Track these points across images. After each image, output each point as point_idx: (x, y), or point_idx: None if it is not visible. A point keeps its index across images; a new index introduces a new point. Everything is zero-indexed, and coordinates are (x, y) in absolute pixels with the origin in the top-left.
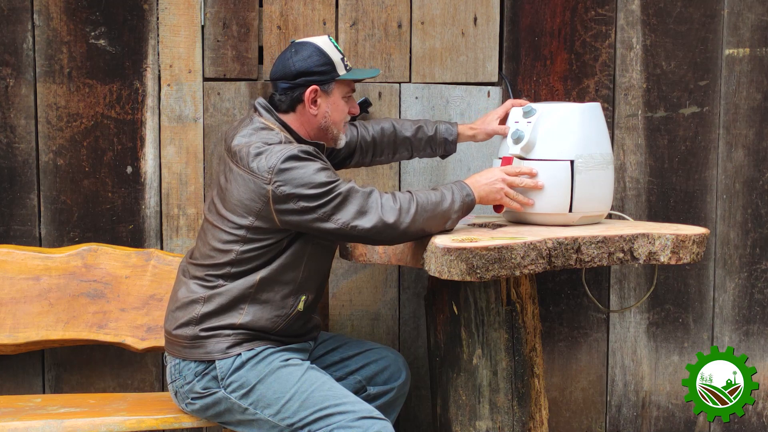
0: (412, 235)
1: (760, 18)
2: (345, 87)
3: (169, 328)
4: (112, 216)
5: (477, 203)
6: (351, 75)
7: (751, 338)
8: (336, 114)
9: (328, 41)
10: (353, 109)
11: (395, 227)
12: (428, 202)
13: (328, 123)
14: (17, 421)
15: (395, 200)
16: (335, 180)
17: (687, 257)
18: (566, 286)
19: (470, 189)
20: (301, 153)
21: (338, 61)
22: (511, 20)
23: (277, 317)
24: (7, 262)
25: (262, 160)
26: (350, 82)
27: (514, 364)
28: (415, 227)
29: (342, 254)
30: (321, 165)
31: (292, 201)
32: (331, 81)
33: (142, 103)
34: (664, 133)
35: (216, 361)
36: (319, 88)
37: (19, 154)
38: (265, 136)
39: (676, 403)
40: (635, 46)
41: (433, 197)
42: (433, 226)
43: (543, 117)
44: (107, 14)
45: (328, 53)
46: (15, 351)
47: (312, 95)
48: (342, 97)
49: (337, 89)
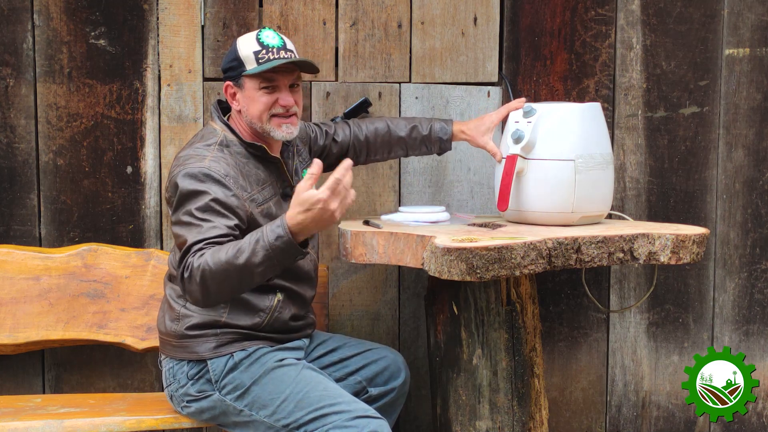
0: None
1: (760, 18)
2: (256, 80)
3: (160, 326)
4: (112, 216)
5: (304, 237)
6: (256, 69)
7: (751, 338)
8: (252, 107)
9: (253, 36)
10: (282, 101)
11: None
12: (215, 270)
13: (249, 118)
14: (17, 421)
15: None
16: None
17: (687, 257)
18: (566, 286)
19: (284, 230)
20: (198, 178)
21: (248, 56)
22: (511, 20)
23: (257, 314)
24: (7, 262)
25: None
26: (263, 74)
27: (514, 364)
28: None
29: (342, 254)
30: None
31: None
32: (240, 77)
33: (142, 103)
34: (664, 133)
35: (208, 361)
36: (231, 83)
37: (19, 154)
38: (197, 146)
39: (676, 403)
40: (635, 46)
41: (223, 257)
42: (238, 286)
43: (543, 117)
44: (107, 14)
45: (239, 48)
46: (15, 351)
47: (229, 91)
48: (257, 89)
49: (249, 83)
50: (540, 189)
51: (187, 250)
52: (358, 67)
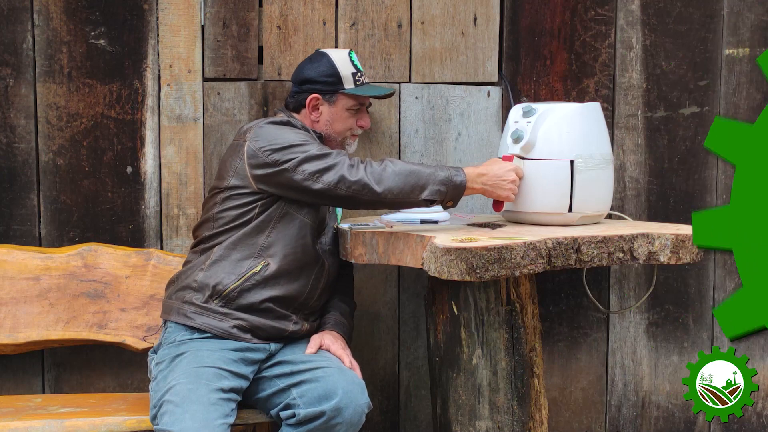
0: (382, 196)
1: (760, 18)
2: (351, 100)
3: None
4: (112, 216)
5: (478, 191)
6: (356, 91)
7: (750, 338)
8: (338, 124)
9: (346, 55)
10: (362, 122)
11: (362, 185)
12: (403, 168)
13: (330, 131)
14: (17, 421)
15: (367, 163)
16: (310, 142)
17: (687, 257)
18: (566, 286)
19: (465, 176)
20: (285, 121)
21: (347, 76)
22: (511, 20)
23: (231, 275)
24: (7, 262)
25: (250, 126)
26: (359, 97)
27: (514, 364)
28: (384, 188)
29: (342, 254)
30: (301, 134)
31: (263, 154)
32: (335, 92)
33: (142, 103)
34: (664, 133)
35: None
36: (321, 97)
37: (19, 154)
38: (274, 118)
39: (675, 403)
40: (635, 46)
41: (413, 167)
42: (407, 192)
43: (543, 117)
44: (107, 14)
45: (338, 66)
46: (15, 351)
47: (313, 102)
48: (347, 109)
49: (342, 101)
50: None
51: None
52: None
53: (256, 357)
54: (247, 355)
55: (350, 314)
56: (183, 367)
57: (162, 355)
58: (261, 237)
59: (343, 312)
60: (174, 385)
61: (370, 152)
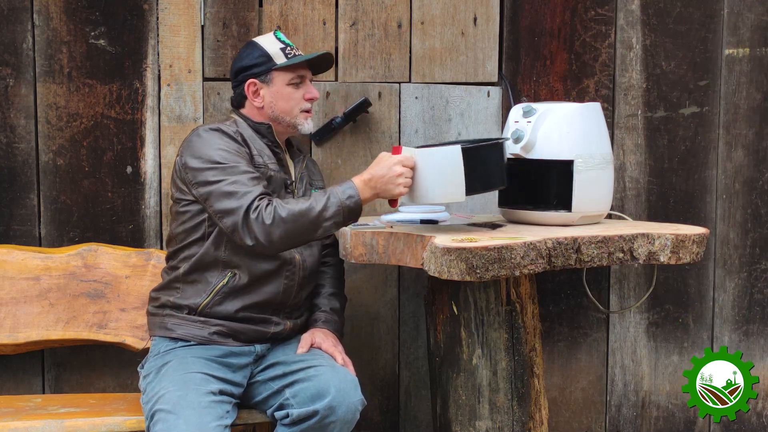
0: (275, 248)
1: (760, 18)
2: (287, 74)
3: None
4: (112, 216)
5: (372, 198)
6: (287, 62)
7: (750, 338)
8: (282, 102)
9: (271, 35)
10: (308, 95)
11: (253, 238)
12: (290, 213)
13: (276, 112)
14: (17, 421)
15: (260, 212)
16: (230, 163)
17: (687, 257)
18: (566, 286)
19: (356, 190)
20: (211, 128)
21: (276, 52)
22: (511, 20)
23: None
24: (7, 262)
25: (187, 135)
26: (296, 68)
27: (514, 364)
28: (275, 239)
29: (341, 254)
30: (223, 150)
31: (185, 171)
32: (268, 72)
33: (142, 103)
34: (664, 133)
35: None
36: (257, 80)
37: (19, 154)
38: (205, 127)
39: (675, 403)
40: (635, 46)
41: (302, 206)
42: (300, 234)
43: (543, 117)
44: (107, 14)
45: (265, 46)
46: (15, 351)
47: (251, 88)
48: (287, 84)
49: (278, 78)
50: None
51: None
52: (358, 67)
53: (243, 361)
54: (231, 360)
55: (340, 310)
56: (170, 375)
57: (148, 368)
58: (219, 252)
59: (333, 308)
60: (163, 393)
61: (370, 152)
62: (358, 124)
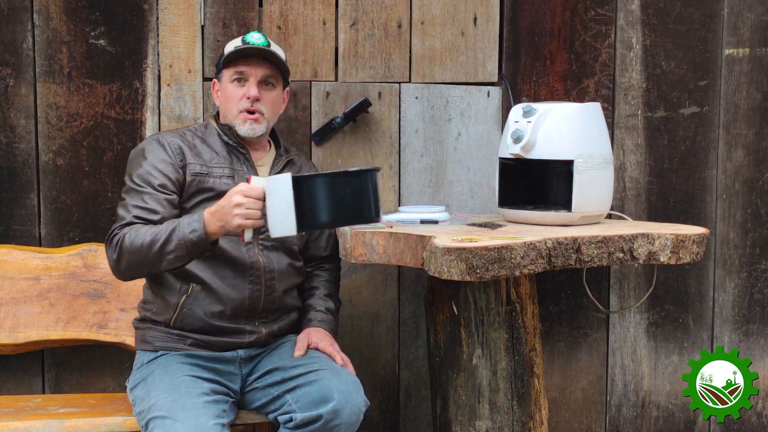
0: (124, 275)
1: (760, 18)
2: (229, 70)
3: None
4: (112, 216)
5: (219, 231)
6: (225, 55)
7: (750, 338)
8: (228, 102)
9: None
10: (248, 93)
11: (110, 260)
12: (135, 244)
13: (225, 113)
14: (17, 421)
15: (113, 238)
16: (141, 187)
17: (687, 257)
18: (566, 286)
19: (201, 224)
20: (151, 137)
21: (230, 50)
22: (511, 20)
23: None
24: (7, 262)
25: None
26: (236, 64)
27: (514, 364)
28: (123, 266)
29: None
30: (150, 160)
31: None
32: (220, 70)
33: (142, 103)
34: (664, 133)
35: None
36: (216, 81)
37: (19, 154)
38: (147, 139)
39: (675, 403)
40: (635, 46)
41: (147, 239)
42: (146, 265)
43: (543, 117)
44: (107, 14)
45: (225, 47)
46: (15, 351)
47: (215, 87)
48: (230, 82)
49: (225, 75)
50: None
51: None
52: (358, 67)
53: (228, 368)
54: (216, 366)
55: (335, 311)
56: (157, 383)
57: (134, 380)
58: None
59: (328, 308)
60: (155, 402)
61: (370, 152)
62: (358, 124)
